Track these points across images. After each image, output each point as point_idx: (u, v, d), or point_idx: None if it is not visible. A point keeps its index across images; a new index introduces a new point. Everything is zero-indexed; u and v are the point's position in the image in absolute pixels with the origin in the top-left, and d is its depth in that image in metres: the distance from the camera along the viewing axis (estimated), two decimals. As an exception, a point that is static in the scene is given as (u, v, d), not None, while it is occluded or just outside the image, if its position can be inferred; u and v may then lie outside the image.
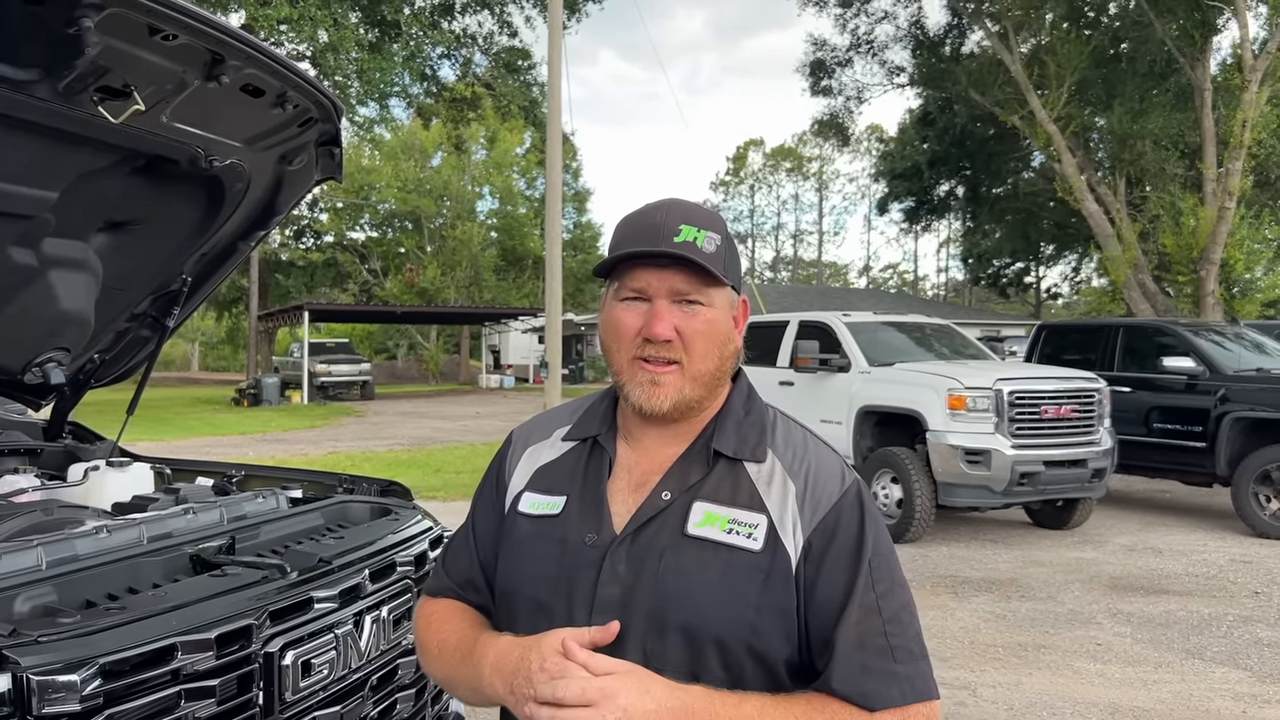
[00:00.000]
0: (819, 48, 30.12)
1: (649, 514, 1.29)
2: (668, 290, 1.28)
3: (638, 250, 1.28)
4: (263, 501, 2.66)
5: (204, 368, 75.43)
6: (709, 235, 1.29)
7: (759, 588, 1.23)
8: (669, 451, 1.35)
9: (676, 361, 1.29)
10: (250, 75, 2.40)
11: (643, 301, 1.30)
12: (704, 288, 1.29)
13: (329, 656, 2.02)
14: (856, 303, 36.50)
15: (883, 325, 10.23)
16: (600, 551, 1.28)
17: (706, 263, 1.26)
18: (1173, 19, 22.11)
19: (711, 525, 1.26)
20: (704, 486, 1.30)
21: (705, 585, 1.23)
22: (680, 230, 1.27)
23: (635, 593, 1.24)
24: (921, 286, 75.96)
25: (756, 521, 1.26)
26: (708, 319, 1.29)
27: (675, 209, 1.32)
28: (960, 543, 8.52)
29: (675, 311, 1.28)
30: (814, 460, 1.33)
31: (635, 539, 1.28)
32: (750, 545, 1.24)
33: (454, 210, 47.59)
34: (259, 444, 17.27)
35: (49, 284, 2.74)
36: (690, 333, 1.28)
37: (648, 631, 1.22)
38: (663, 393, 1.28)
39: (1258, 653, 5.52)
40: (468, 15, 23.80)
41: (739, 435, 1.35)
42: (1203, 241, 20.84)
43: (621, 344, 1.31)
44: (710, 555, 1.24)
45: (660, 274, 1.28)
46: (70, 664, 1.54)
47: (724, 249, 1.31)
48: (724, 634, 1.21)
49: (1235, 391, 9.06)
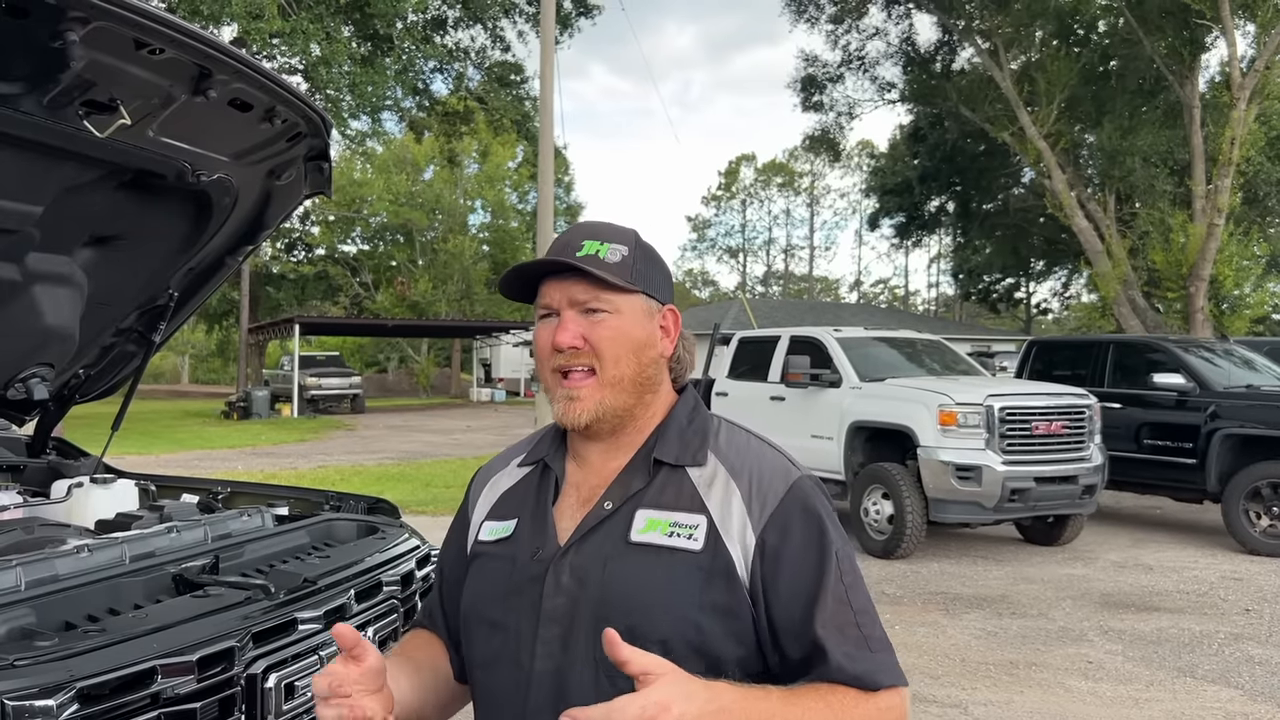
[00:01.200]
0: (810, 64, 30.32)
1: (591, 524, 1.31)
2: (569, 300, 1.32)
3: (530, 263, 1.35)
4: (248, 519, 2.63)
5: (194, 380, 75.09)
6: (613, 247, 1.34)
7: (701, 586, 1.24)
8: (613, 465, 1.37)
9: (589, 367, 1.32)
10: (238, 90, 2.39)
11: (554, 316, 1.34)
12: (605, 294, 1.32)
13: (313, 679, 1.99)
14: (848, 318, 36.54)
15: (874, 340, 10.23)
16: (544, 565, 1.30)
17: (602, 270, 1.30)
18: (1162, 37, 22.29)
19: (654, 530, 1.28)
20: (646, 494, 1.32)
21: (648, 588, 1.24)
22: (583, 245, 1.33)
23: (580, 602, 1.25)
24: (912, 302, 76.14)
25: (696, 522, 1.27)
26: (613, 325, 1.33)
27: (583, 228, 1.38)
28: (951, 559, 8.51)
29: (581, 320, 1.32)
30: (756, 459, 1.34)
31: (579, 549, 1.29)
32: (691, 546, 1.26)
33: (446, 223, 47.52)
34: (248, 458, 17.18)
35: (33, 299, 2.71)
36: (597, 339, 1.32)
37: (596, 641, 1.18)
38: (579, 407, 1.32)
39: (1249, 671, 5.50)
40: (460, 29, 23.84)
41: (681, 442, 1.36)
42: (1192, 258, 20.94)
43: (542, 362, 1.36)
44: (653, 559, 1.26)
45: (561, 285, 1.33)
46: (47, 689, 1.51)
47: (632, 259, 1.35)
48: (668, 634, 1.21)
49: (1225, 408, 9.08)
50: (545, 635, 1.25)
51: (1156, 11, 21.75)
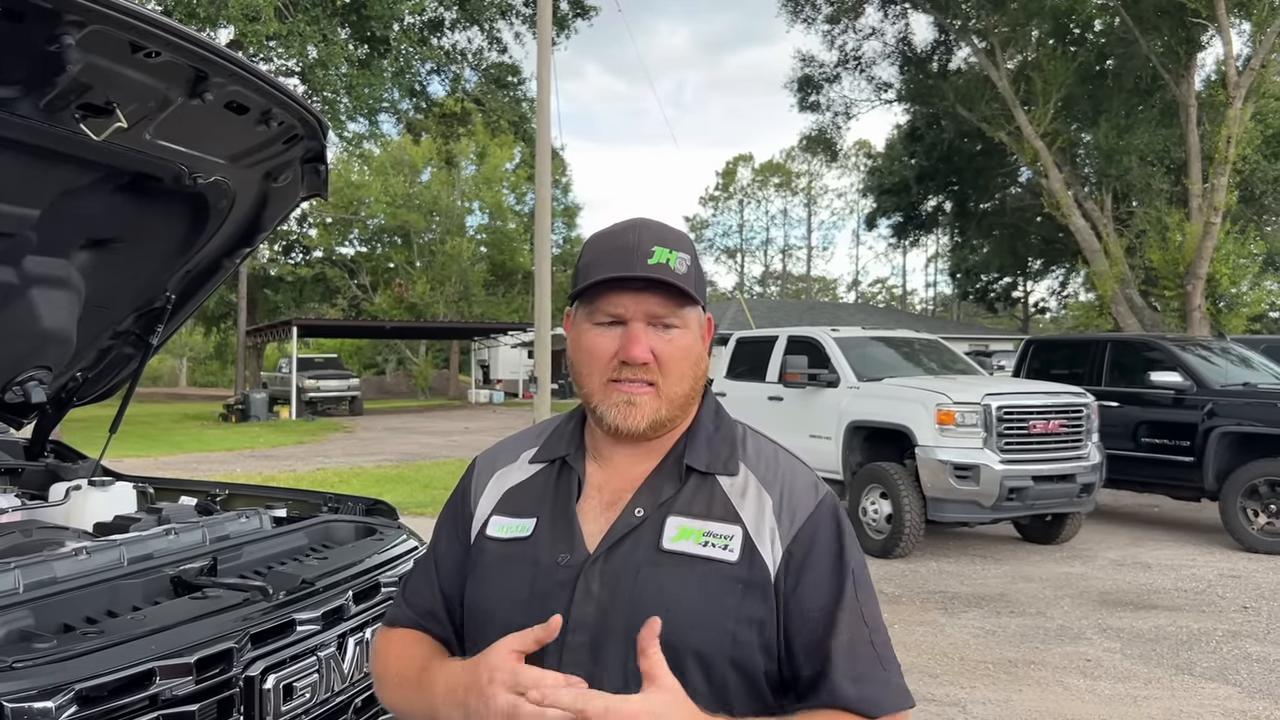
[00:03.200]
0: (807, 64, 30.30)
1: (622, 531, 1.27)
2: (644, 314, 1.27)
3: (615, 275, 1.26)
4: (246, 521, 2.63)
5: (192, 383, 75.04)
6: (680, 256, 1.28)
7: (737, 598, 1.22)
8: (639, 469, 1.34)
9: (652, 383, 1.28)
10: (234, 92, 2.39)
11: (618, 325, 1.28)
12: (679, 310, 1.29)
13: (311, 680, 2.00)
14: (845, 318, 36.60)
15: (871, 340, 10.23)
16: (574, 571, 1.26)
17: (682, 284, 1.26)
18: (1158, 36, 22.30)
19: (687, 539, 1.25)
20: (677, 501, 1.29)
21: (683, 598, 1.22)
22: (654, 252, 1.27)
23: (612, 611, 1.22)
24: (910, 301, 76.18)
25: (732, 533, 1.26)
26: (683, 344, 1.29)
27: (647, 230, 1.31)
28: (949, 558, 8.51)
29: (651, 334, 1.28)
30: (787, 472, 1.33)
31: (609, 557, 1.26)
32: (727, 557, 1.24)
33: (443, 225, 47.51)
34: (247, 460, 17.16)
35: (30, 302, 2.71)
36: (667, 356, 1.28)
37: (627, 650, 1.17)
38: (639, 413, 1.28)
39: (1247, 668, 5.51)
40: (457, 31, 23.82)
41: (711, 450, 1.34)
42: (1189, 256, 20.95)
43: (595, 367, 1.30)
44: (687, 569, 1.23)
45: (636, 297, 1.27)
46: (46, 690, 1.51)
47: (694, 269, 1.31)
48: (704, 646, 1.20)
49: (1222, 406, 9.09)
50: (573, 643, 1.22)
51: (1152, 10, 21.76)
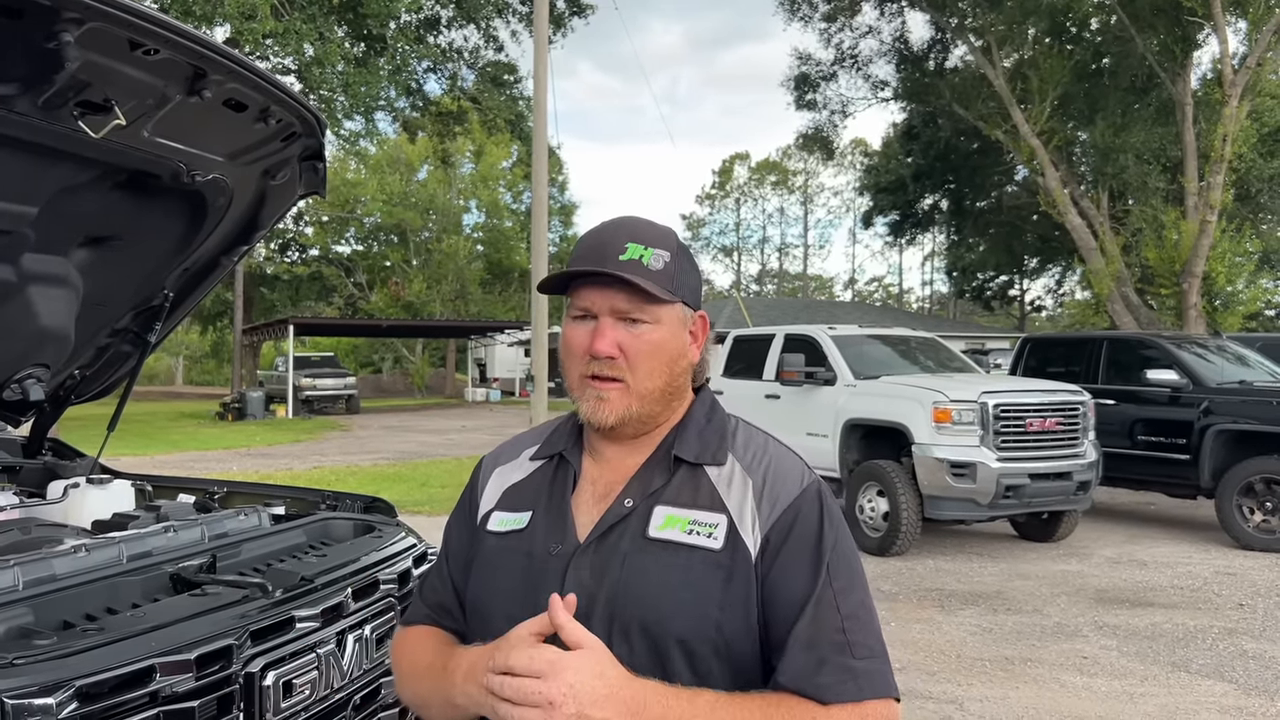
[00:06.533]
0: (803, 62, 30.32)
1: (611, 521, 1.30)
2: (610, 309, 1.30)
3: (577, 270, 1.30)
4: (244, 519, 2.63)
5: (188, 382, 74.89)
6: (656, 253, 1.30)
7: (721, 585, 1.24)
8: (631, 462, 1.36)
9: (620, 379, 1.30)
10: (232, 90, 2.39)
11: (591, 319, 1.31)
12: (648, 306, 1.30)
13: (311, 676, 2.00)
14: (842, 316, 36.59)
15: (868, 338, 10.23)
16: (564, 560, 1.29)
17: (648, 281, 1.27)
18: (1154, 34, 22.33)
19: (672, 527, 1.27)
20: (665, 492, 1.31)
21: (666, 585, 1.24)
22: (626, 249, 1.29)
23: (598, 598, 1.25)
24: (906, 299, 76.18)
25: (716, 521, 1.27)
26: (652, 339, 1.31)
27: (625, 227, 1.33)
28: (946, 556, 8.53)
29: (619, 329, 1.30)
30: (773, 459, 1.34)
31: (599, 546, 1.29)
32: (710, 544, 1.25)
33: (440, 224, 47.49)
34: (243, 459, 17.15)
35: (28, 299, 2.71)
36: (634, 351, 1.30)
37: (613, 636, 1.21)
38: (608, 408, 1.30)
39: (1243, 665, 5.53)
40: (453, 30, 23.81)
41: (700, 441, 1.36)
42: (1185, 255, 21.00)
43: (572, 360, 1.34)
44: (671, 556, 1.25)
45: (603, 292, 1.30)
46: (46, 687, 1.51)
47: (674, 265, 1.32)
48: (687, 633, 1.22)
49: (1219, 404, 9.11)
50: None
51: (1148, 9, 21.78)
